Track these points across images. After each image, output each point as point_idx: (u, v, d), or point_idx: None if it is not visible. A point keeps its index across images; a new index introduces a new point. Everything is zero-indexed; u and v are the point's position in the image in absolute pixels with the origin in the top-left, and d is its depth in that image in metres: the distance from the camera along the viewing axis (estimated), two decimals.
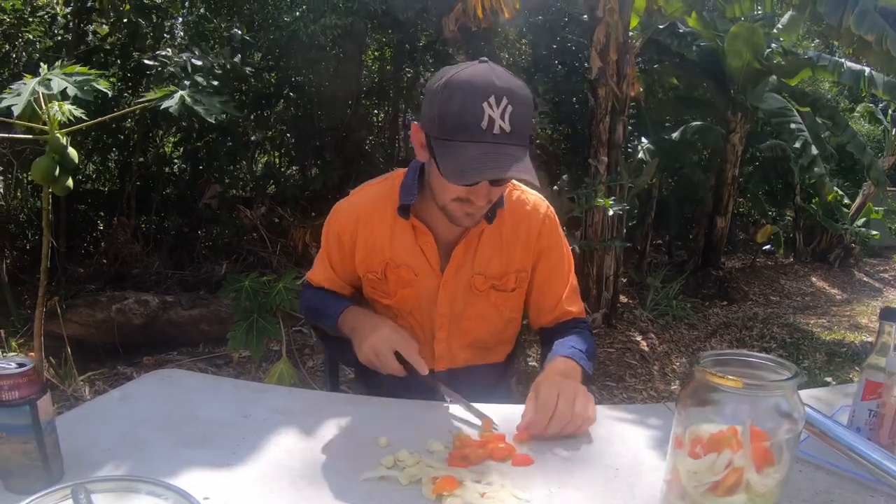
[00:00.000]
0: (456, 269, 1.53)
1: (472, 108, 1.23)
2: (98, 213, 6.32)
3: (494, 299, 1.58)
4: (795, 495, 1.04)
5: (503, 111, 1.23)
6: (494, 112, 1.23)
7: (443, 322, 1.58)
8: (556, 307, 1.63)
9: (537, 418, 1.21)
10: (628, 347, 5.28)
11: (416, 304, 1.58)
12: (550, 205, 1.63)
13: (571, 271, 1.67)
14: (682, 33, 7.43)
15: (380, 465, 1.07)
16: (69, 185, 2.69)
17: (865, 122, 11.34)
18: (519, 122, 1.25)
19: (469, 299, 1.57)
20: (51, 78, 2.31)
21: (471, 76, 1.25)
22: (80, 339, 4.22)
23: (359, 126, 6.49)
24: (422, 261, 1.53)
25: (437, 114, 1.28)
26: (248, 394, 1.38)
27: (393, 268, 1.54)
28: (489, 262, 1.54)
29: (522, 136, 1.27)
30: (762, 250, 9.76)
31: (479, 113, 1.23)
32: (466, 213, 1.37)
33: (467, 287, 1.55)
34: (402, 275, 1.54)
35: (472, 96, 1.24)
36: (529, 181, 1.29)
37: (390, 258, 1.53)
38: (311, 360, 4.41)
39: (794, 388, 0.86)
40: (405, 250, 1.53)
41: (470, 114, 1.23)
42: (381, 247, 1.52)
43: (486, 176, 1.25)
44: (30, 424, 0.95)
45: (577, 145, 7.19)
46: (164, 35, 5.43)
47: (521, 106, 1.27)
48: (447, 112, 1.26)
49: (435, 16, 5.89)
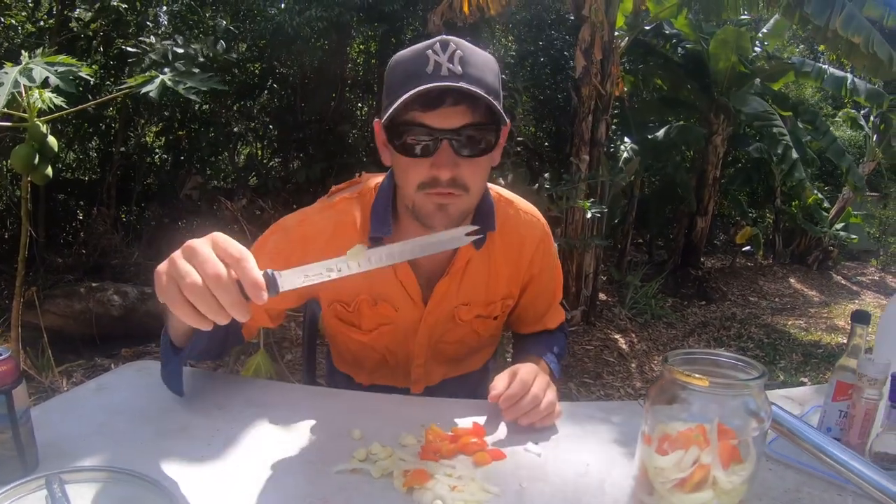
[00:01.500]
0: (439, 301, 1.40)
1: (417, 59, 1.13)
2: (78, 202, 6.25)
3: (477, 326, 1.49)
4: (765, 493, 1.06)
5: (451, 55, 1.11)
6: (441, 57, 1.11)
7: (421, 350, 1.48)
8: (538, 323, 1.60)
9: (515, 390, 1.20)
10: (607, 345, 5.32)
11: (392, 339, 1.46)
12: (539, 212, 1.51)
13: (559, 287, 1.61)
14: (668, 34, 7.49)
15: (352, 457, 1.07)
16: (48, 174, 2.66)
17: (847, 127, 11.46)
18: (473, 66, 1.13)
19: (449, 326, 1.46)
20: (32, 67, 2.28)
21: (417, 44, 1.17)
22: (57, 329, 4.18)
23: (342, 119, 6.47)
24: (402, 294, 1.38)
25: (385, 89, 1.19)
26: (224, 386, 1.37)
27: (370, 303, 1.39)
28: (475, 291, 1.42)
29: (480, 82, 1.13)
30: (742, 251, 9.84)
31: (423, 61, 1.12)
32: (438, 204, 1.20)
33: (449, 317, 1.44)
34: (382, 311, 1.40)
35: (416, 50, 1.15)
36: (484, 99, 1.12)
37: (367, 292, 1.38)
38: (289, 353, 4.40)
39: (760, 387, 0.87)
40: (384, 283, 1.36)
41: (416, 64, 1.13)
42: (353, 278, 1.28)
43: (414, 91, 1.09)
44: (5, 414, 0.94)
45: (560, 143, 7.22)
46: (148, 23, 5.39)
47: (477, 55, 1.16)
48: (393, 78, 1.17)
49: (422, 10, 5.89)
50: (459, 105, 1.13)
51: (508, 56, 6.99)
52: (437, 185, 1.17)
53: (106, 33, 5.39)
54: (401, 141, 1.16)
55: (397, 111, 1.12)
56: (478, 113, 1.14)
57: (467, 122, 1.14)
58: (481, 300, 1.43)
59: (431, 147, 1.15)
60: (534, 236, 1.46)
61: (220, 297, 0.79)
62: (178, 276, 0.80)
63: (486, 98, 1.11)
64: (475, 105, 1.13)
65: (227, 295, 0.79)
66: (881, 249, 11.14)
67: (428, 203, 1.20)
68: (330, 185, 1.48)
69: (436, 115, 1.12)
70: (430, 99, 1.11)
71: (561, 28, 6.86)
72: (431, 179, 1.17)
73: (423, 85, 1.09)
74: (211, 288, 0.79)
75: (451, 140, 1.14)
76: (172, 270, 0.80)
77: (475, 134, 1.16)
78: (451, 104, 1.12)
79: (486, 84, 1.14)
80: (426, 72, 1.10)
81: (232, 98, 6.05)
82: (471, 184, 1.19)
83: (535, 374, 1.27)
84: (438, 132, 1.13)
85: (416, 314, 1.41)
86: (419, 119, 1.13)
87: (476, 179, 1.21)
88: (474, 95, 1.11)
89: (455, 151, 1.15)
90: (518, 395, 1.20)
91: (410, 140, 1.15)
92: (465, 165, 1.17)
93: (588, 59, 5.22)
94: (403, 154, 1.17)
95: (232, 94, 6.00)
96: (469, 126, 1.14)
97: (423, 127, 1.14)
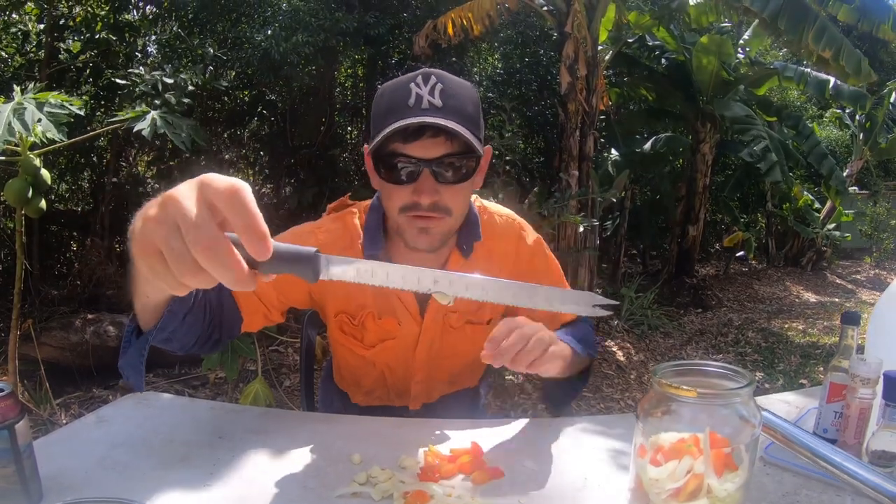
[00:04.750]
0: (434, 314, 1.43)
1: (399, 91, 1.20)
2: (71, 233, 6.25)
3: (470, 333, 1.48)
4: (763, 498, 1.07)
5: (432, 88, 1.18)
6: (422, 90, 1.18)
7: (421, 366, 1.50)
8: (553, 320, 1.48)
9: (498, 332, 1.14)
10: (605, 358, 5.32)
11: (393, 354, 1.48)
12: (529, 226, 1.53)
13: (561, 281, 1.61)
14: (652, 46, 7.56)
15: (352, 481, 1.08)
16: (43, 207, 2.68)
17: (834, 127, 11.55)
18: (452, 97, 1.19)
19: (445, 338, 1.48)
20: (25, 107, 2.30)
21: (401, 76, 1.24)
22: (54, 362, 4.17)
23: (332, 143, 6.50)
24: (401, 309, 1.42)
25: (372, 118, 1.25)
26: (223, 415, 1.38)
27: (373, 317, 1.42)
28: (468, 301, 1.41)
29: (459, 113, 1.19)
30: (735, 257, 9.88)
31: (405, 94, 1.19)
32: (420, 228, 1.26)
33: (443, 326, 1.46)
34: (385, 325, 1.43)
35: (400, 82, 1.22)
36: (460, 134, 1.17)
37: (372, 306, 1.41)
38: (287, 379, 4.40)
39: (749, 394, 0.89)
40: (384, 298, 1.40)
41: (398, 96, 1.19)
42: (359, 289, 1.34)
43: (395, 125, 1.16)
44: (8, 448, 0.95)
45: (549, 158, 7.25)
46: (137, 53, 5.42)
47: (456, 86, 1.22)
48: (378, 109, 1.23)
49: (407, 32, 5.94)
50: (439, 136, 1.19)
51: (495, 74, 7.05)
52: (418, 209, 1.24)
53: (95, 64, 5.42)
54: (386, 169, 1.24)
55: (381, 142, 1.20)
56: (457, 143, 1.21)
57: (446, 153, 1.21)
58: (471, 305, 1.45)
59: (414, 175, 1.22)
60: (510, 235, 1.50)
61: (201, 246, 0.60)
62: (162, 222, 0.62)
63: (462, 134, 1.17)
64: (454, 135, 1.19)
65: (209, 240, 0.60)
66: (874, 246, 11.20)
67: (411, 226, 1.27)
68: (322, 210, 1.54)
69: (416, 146, 1.20)
70: (410, 132, 1.18)
71: (546, 44, 6.92)
72: (413, 204, 1.24)
73: (405, 118, 1.16)
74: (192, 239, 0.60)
75: (432, 168, 1.21)
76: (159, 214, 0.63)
77: (455, 161, 1.22)
78: (430, 136, 1.19)
79: (464, 114, 1.20)
80: (408, 104, 1.17)
81: (222, 126, 6.06)
82: (453, 207, 1.26)
83: (529, 323, 1.18)
84: (420, 162, 1.21)
85: (415, 329, 1.44)
86: (401, 150, 1.20)
87: (457, 203, 1.27)
88: (451, 130, 1.17)
89: (436, 179, 1.22)
90: (501, 337, 1.13)
91: (394, 168, 1.22)
92: (446, 191, 1.24)
93: (573, 75, 5.28)
94: (388, 181, 1.24)
95: (222, 122, 6.03)
96: (449, 155, 1.21)
97: (405, 157, 1.21)
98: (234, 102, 6.19)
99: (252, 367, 4.04)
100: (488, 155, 1.32)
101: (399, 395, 1.55)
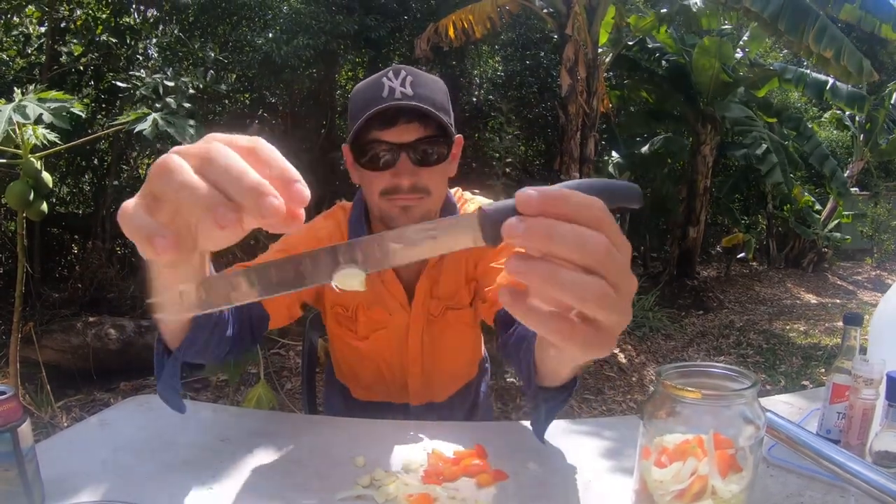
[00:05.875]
0: (421, 302, 1.48)
1: (373, 86, 1.28)
2: (72, 236, 6.26)
3: (453, 320, 1.51)
4: (767, 499, 1.07)
5: (403, 80, 1.26)
6: (394, 82, 1.26)
7: (414, 358, 1.53)
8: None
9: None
10: (606, 360, 5.32)
11: (386, 345, 1.52)
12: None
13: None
14: (652, 48, 7.56)
15: (356, 484, 1.08)
16: (44, 210, 2.67)
17: (834, 128, 11.55)
18: (423, 87, 1.28)
19: (431, 328, 1.51)
20: (26, 104, 2.30)
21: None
22: (55, 364, 4.17)
23: (333, 146, 6.50)
24: (389, 298, 1.47)
25: (349, 115, 1.33)
26: (226, 418, 1.38)
27: (364, 308, 1.48)
28: (450, 288, 1.48)
29: (430, 101, 1.27)
30: (736, 258, 9.87)
31: (379, 88, 1.26)
32: (401, 207, 1.31)
33: (426, 316, 1.50)
34: (375, 316, 1.48)
35: (373, 79, 1.29)
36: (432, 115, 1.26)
37: (362, 296, 1.46)
38: (289, 382, 4.39)
39: (753, 395, 0.89)
40: (372, 286, 1.45)
41: (372, 91, 1.27)
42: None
43: (372, 111, 1.24)
44: (11, 452, 0.95)
45: (550, 161, 7.25)
46: (138, 56, 5.43)
47: (426, 78, 1.30)
48: (354, 105, 1.30)
49: (408, 35, 5.94)
50: (412, 122, 1.27)
51: (496, 77, 7.05)
52: (398, 192, 1.30)
53: (96, 67, 5.42)
54: (365, 157, 1.31)
55: (359, 131, 1.28)
56: (430, 128, 1.29)
57: (421, 136, 1.28)
58: (449, 291, 1.50)
59: (392, 160, 1.29)
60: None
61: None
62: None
63: (434, 114, 1.26)
64: (427, 121, 1.28)
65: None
66: (875, 247, 11.19)
67: (392, 207, 1.32)
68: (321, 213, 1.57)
69: (393, 131, 1.27)
70: (386, 118, 1.26)
71: (546, 47, 6.92)
72: (393, 187, 1.30)
73: (380, 106, 1.24)
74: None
75: (409, 152, 1.28)
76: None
77: (428, 146, 1.30)
78: (405, 122, 1.27)
79: (435, 102, 1.29)
80: (381, 96, 1.25)
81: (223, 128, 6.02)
82: (432, 188, 1.33)
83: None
84: (397, 146, 1.28)
85: (405, 318, 1.49)
86: (379, 136, 1.28)
87: (435, 184, 1.34)
88: (424, 112, 1.26)
89: (413, 162, 1.29)
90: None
91: (373, 155, 1.30)
92: (424, 173, 1.31)
93: (573, 78, 5.28)
94: (368, 169, 1.31)
95: (223, 125, 6.02)
96: (423, 139, 1.29)
97: (383, 143, 1.28)
98: (234, 105, 6.19)
99: (253, 370, 4.03)
100: (460, 143, 1.39)
101: (398, 390, 1.58)
